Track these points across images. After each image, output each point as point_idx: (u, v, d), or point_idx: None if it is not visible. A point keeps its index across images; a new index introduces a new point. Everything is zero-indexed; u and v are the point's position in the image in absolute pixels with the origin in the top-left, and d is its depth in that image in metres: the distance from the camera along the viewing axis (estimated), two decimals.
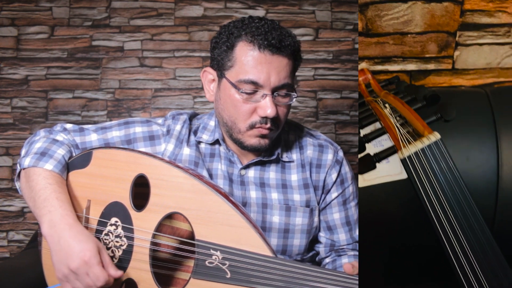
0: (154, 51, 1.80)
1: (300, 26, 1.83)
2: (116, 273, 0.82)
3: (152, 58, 1.80)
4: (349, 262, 0.94)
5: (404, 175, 0.87)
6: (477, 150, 1.19)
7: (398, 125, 0.82)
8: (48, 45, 1.78)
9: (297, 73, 1.90)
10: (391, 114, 0.85)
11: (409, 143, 0.79)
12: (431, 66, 1.46)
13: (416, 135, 0.81)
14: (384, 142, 0.95)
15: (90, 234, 0.85)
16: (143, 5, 1.81)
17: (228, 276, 0.80)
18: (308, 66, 1.83)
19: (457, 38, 1.44)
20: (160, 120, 1.06)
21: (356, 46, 1.83)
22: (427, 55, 1.44)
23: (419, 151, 0.79)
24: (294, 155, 1.06)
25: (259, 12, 1.82)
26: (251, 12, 1.81)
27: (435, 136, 0.79)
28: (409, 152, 0.79)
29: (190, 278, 0.82)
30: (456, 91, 1.36)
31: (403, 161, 0.78)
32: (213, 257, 0.81)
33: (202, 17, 1.81)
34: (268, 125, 0.95)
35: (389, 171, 1.06)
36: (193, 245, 0.83)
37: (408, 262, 1.20)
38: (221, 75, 0.97)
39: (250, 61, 0.93)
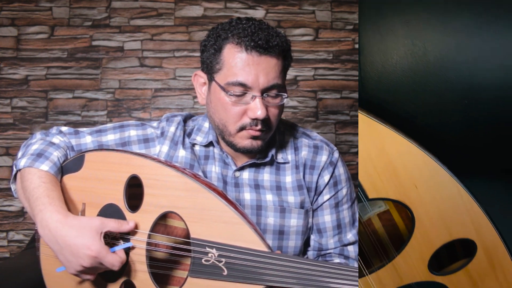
0: (154, 51, 1.80)
1: (300, 26, 1.83)
2: (123, 256, 0.82)
3: (152, 58, 1.80)
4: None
5: None
6: None
7: None
8: (48, 45, 1.78)
9: (297, 73, 1.86)
10: None
11: None
12: None
13: None
14: None
15: (83, 221, 0.82)
16: (143, 5, 1.81)
17: (225, 273, 0.80)
18: (308, 66, 1.82)
19: None
20: (155, 123, 1.06)
21: (356, 46, 1.83)
22: None
23: None
24: (289, 156, 1.05)
25: (259, 12, 1.82)
26: (251, 12, 1.81)
27: None
28: None
29: (187, 276, 0.81)
30: None
31: None
32: (209, 254, 0.80)
33: (202, 17, 1.82)
34: (259, 127, 0.94)
35: None
36: (189, 243, 0.82)
37: None
38: (210, 78, 0.97)
39: (238, 63, 0.91)
